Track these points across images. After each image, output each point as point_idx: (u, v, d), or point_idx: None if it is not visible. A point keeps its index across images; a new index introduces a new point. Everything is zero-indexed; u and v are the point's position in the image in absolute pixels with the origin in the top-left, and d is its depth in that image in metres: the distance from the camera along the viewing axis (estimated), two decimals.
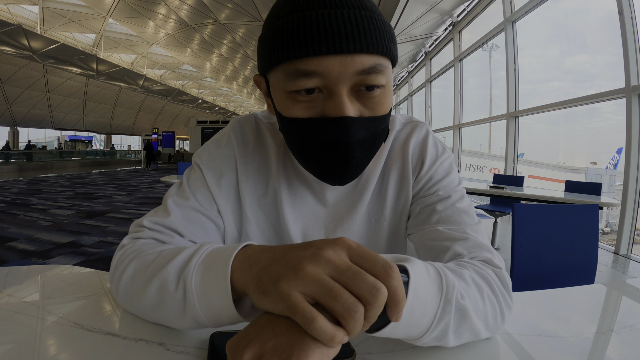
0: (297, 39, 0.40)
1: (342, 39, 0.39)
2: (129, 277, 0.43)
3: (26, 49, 13.68)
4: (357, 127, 0.43)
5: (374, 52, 0.41)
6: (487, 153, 8.68)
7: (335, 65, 0.40)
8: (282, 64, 0.42)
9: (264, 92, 0.50)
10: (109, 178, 10.68)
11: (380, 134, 0.47)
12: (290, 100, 0.44)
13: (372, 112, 0.44)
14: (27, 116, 22.32)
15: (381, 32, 0.42)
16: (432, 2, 6.02)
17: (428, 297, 0.34)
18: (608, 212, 5.21)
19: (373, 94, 0.43)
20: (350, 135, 0.42)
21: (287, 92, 0.43)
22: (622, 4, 3.38)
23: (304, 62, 0.40)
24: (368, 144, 0.46)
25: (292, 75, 0.41)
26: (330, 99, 0.42)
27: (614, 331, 0.48)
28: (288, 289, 0.27)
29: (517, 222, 1.20)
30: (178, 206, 0.53)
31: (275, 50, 0.42)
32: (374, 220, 0.58)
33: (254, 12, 10.42)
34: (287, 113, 0.45)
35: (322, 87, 0.42)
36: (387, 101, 0.45)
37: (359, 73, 0.41)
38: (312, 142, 0.44)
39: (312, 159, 0.47)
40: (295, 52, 0.40)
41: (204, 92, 28.66)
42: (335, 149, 0.43)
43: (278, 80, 0.44)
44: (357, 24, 0.40)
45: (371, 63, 0.41)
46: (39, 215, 4.83)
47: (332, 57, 0.40)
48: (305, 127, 0.44)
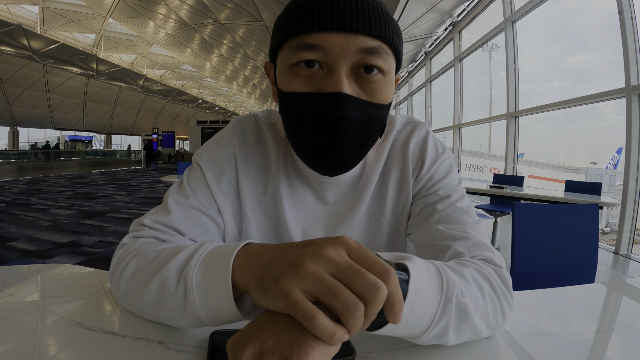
0: (305, 15, 0.42)
1: (346, 17, 0.41)
2: (129, 276, 0.43)
3: (26, 49, 13.67)
4: (352, 106, 0.43)
5: (377, 37, 0.43)
6: (487, 153, 8.68)
7: (338, 41, 0.42)
8: (290, 39, 0.44)
9: (272, 79, 0.52)
10: (109, 178, 10.68)
11: (376, 122, 0.47)
12: (291, 74, 0.45)
13: (370, 97, 0.45)
14: (27, 116, 22.32)
15: (385, 21, 0.44)
16: (432, 2, 6.02)
17: (428, 295, 0.35)
18: (608, 212, 5.21)
19: (373, 78, 0.44)
20: (344, 110, 0.43)
21: (289, 66, 0.45)
22: (622, 4, 3.38)
23: (309, 36, 0.42)
24: (361, 128, 0.45)
25: (297, 48, 0.43)
26: (329, 75, 0.43)
27: (614, 330, 0.48)
28: (289, 286, 0.27)
29: (517, 221, 1.20)
30: (179, 205, 0.53)
31: (285, 27, 0.44)
32: (374, 220, 0.58)
33: (254, 12, 10.42)
34: (286, 88, 0.46)
35: (323, 63, 0.43)
36: (386, 90, 0.46)
37: (360, 51, 0.42)
38: (306, 117, 0.45)
39: (304, 138, 0.47)
40: (302, 27, 0.42)
41: (204, 92, 28.67)
42: (327, 123, 0.43)
43: (284, 58, 0.45)
44: (362, 8, 0.42)
45: (374, 44, 0.43)
46: (39, 215, 4.83)
47: (336, 33, 0.42)
48: (301, 101, 0.44)
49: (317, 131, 0.45)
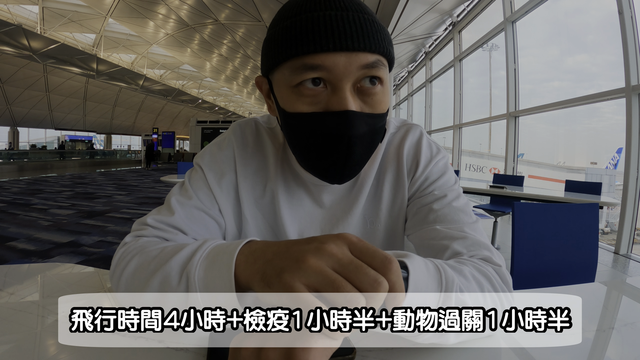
0: (306, 36, 0.42)
1: (347, 37, 0.42)
2: (130, 273, 0.43)
3: (26, 49, 13.68)
4: (359, 121, 0.45)
5: (376, 52, 0.44)
6: (487, 153, 8.68)
7: (341, 60, 0.42)
8: (290, 60, 0.44)
9: (265, 93, 0.52)
10: (109, 178, 10.68)
11: (379, 131, 0.49)
12: (294, 95, 0.45)
13: (372, 109, 0.46)
14: (27, 116, 22.33)
15: (381, 34, 0.45)
16: (432, 2, 6.02)
17: (427, 292, 0.35)
18: (608, 212, 5.21)
19: (374, 90, 0.45)
20: (353, 128, 0.44)
21: (292, 86, 0.45)
22: (622, 4, 3.38)
23: (311, 57, 0.42)
24: (368, 139, 0.47)
25: (299, 69, 0.43)
26: (334, 94, 0.44)
27: (615, 329, 0.48)
28: (291, 280, 0.28)
29: (517, 221, 1.20)
30: (182, 205, 0.54)
31: (283, 47, 0.44)
32: (370, 222, 0.59)
33: (254, 12, 10.42)
34: (291, 108, 0.46)
35: (327, 81, 0.44)
36: (385, 100, 0.48)
37: (362, 67, 0.43)
38: (315, 136, 0.45)
39: (314, 156, 0.48)
40: (304, 48, 0.42)
41: (204, 92, 28.68)
42: (339, 141, 0.45)
43: (284, 77, 0.45)
44: (360, 25, 0.43)
45: (373, 59, 0.44)
46: (39, 215, 4.83)
47: (338, 53, 0.42)
48: (309, 122, 0.45)
49: (328, 148, 0.46)
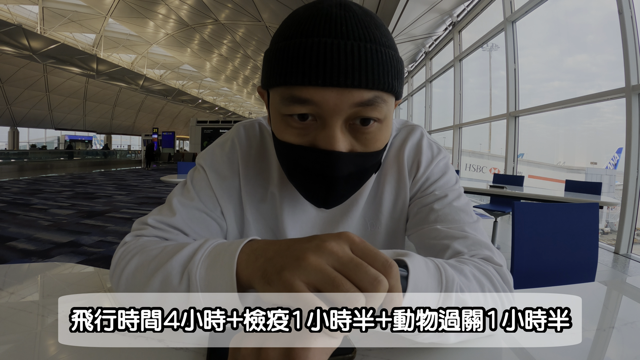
0: (295, 66, 0.39)
1: (340, 72, 0.38)
2: (130, 272, 0.43)
3: (26, 49, 13.67)
4: (345, 163, 0.42)
5: (374, 88, 0.39)
6: (487, 153, 8.68)
7: (332, 97, 0.39)
8: (280, 87, 0.42)
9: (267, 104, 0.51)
10: (109, 178, 10.68)
11: (370, 169, 0.47)
12: (283, 123, 0.43)
13: (365, 147, 0.43)
14: (27, 116, 22.32)
15: (385, 67, 0.40)
16: (432, 2, 6.02)
17: (427, 291, 0.35)
18: (608, 212, 5.21)
19: (368, 129, 0.42)
20: (336, 170, 0.42)
21: (282, 115, 0.43)
22: (622, 4, 3.38)
23: (300, 90, 0.40)
24: (354, 178, 0.46)
25: (287, 100, 0.41)
26: (323, 129, 0.41)
27: (615, 328, 0.48)
28: (291, 278, 0.28)
29: (517, 220, 1.20)
30: (184, 206, 0.53)
31: (274, 72, 0.41)
32: (370, 224, 0.59)
33: (254, 12, 10.43)
34: (279, 136, 0.45)
35: (317, 116, 0.41)
36: (382, 136, 0.45)
37: (355, 105, 0.40)
38: (299, 168, 0.45)
39: (298, 183, 0.48)
40: (292, 79, 0.39)
41: (204, 92, 28.67)
42: (321, 180, 0.44)
43: (275, 101, 0.43)
44: (359, 57, 0.38)
45: (370, 96, 0.40)
46: (39, 214, 4.83)
47: (329, 89, 0.39)
48: (294, 153, 0.44)
49: (310, 182, 0.45)
